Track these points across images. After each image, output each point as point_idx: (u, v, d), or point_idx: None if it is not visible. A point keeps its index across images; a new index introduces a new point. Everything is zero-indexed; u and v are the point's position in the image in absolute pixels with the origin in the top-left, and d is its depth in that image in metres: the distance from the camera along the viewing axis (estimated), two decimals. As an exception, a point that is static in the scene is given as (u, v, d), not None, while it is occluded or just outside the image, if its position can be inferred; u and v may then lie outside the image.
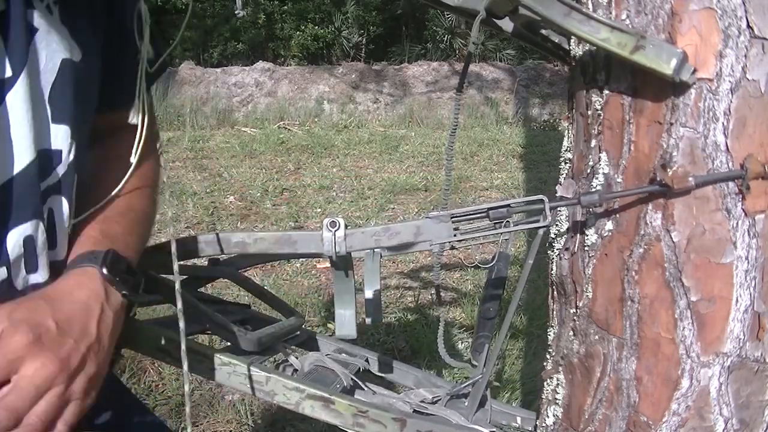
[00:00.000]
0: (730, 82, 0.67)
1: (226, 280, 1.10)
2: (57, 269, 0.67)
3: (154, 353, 0.87)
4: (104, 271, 0.66)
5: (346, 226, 0.81)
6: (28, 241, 0.63)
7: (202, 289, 1.07)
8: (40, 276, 0.65)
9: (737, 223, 0.70)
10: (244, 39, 9.61)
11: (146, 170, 0.83)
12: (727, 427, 0.74)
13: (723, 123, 0.67)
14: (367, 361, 1.02)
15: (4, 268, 0.62)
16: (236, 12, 0.84)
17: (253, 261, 1.11)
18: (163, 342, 0.85)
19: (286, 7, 9.80)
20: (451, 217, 0.80)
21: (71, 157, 0.66)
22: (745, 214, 0.69)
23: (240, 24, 9.39)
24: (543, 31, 0.91)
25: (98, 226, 0.73)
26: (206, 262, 1.03)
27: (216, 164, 5.39)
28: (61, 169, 0.66)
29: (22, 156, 0.60)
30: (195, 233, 3.88)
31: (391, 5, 9.95)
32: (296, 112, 7.07)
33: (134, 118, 0.76)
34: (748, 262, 0.70)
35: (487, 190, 4.85)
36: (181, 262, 0.96)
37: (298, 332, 1.04)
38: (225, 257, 1.03)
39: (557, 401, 0.85)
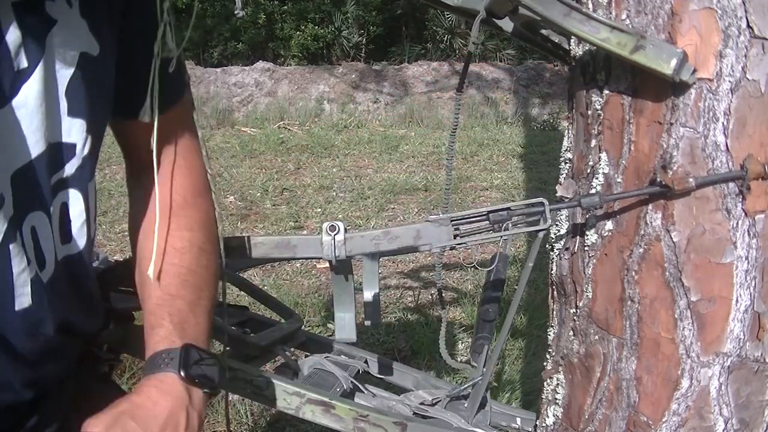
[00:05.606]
0: (730, 82, 0.67)
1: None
2: (71, 264, 0.67)
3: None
4: (182, 374, 0.65)
5: (345, 230, 0.81)
6: (34, 234, 0.63)
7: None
8: (47, 273, 0.65)
9: (737, 223, 0.69)
10: (244, 39, 9.60)
11: (201, 213, 0.79)
12: (727, 427, 0.74)
13: (723, 123, 0.67)
14: (366, 362, 1.02)
15: (25, 259, 0.62)
16: (236, 12, 0.83)
17: (252, 262, 1.11)
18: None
19: (286, 7, 9.79)
20: (451, 221, 0.80)
21: (86, 150, 0.66)
22: (745, 214, 0.69)
23: (240, 24, 9.38)
24: (543, 31, 0.91)
25: (165, 311, 0.70)
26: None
27: (216, 164, 5.38)
28: (75, 163, 0.66)
29: (32, 148, 0.61)
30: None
31: (391, 5, 9.93)
32: (296, 112, 7.06)
33: (146, 116, 0.73)
34: (748, 262, 0.70)
35: (487, 190, 4.84)
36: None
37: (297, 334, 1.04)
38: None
39: (557, 401, 0.85)
